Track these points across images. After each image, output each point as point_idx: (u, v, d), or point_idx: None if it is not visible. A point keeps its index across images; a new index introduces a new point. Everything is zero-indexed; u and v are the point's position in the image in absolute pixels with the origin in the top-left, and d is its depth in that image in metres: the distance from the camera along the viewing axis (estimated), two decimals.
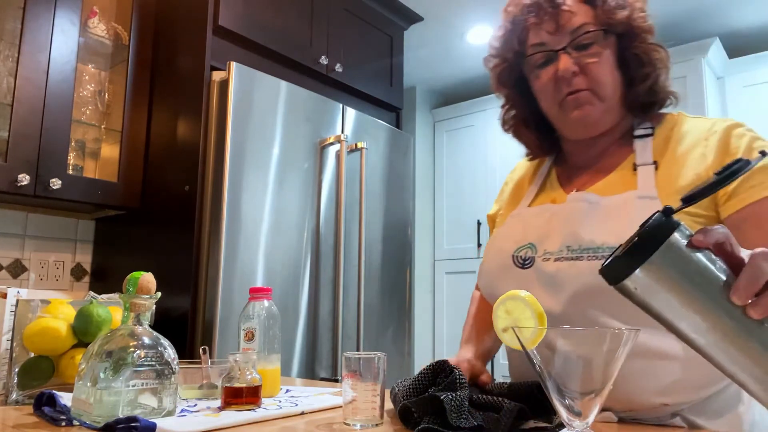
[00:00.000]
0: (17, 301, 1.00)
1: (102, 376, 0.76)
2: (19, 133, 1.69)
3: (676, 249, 0.54)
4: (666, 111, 0.97)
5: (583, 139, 0.97)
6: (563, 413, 0.56)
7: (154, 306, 0.86)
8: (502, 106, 1.09)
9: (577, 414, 0.55)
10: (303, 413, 0.90)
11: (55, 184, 1.73)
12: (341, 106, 2.16)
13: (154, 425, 0.72)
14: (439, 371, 0.81)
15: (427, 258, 3.71)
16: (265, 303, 1.07)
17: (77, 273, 2.12)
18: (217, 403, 0.94)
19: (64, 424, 0.77)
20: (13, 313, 1.01)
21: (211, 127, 1.80)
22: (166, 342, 0.84)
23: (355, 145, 2.15)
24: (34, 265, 2.01)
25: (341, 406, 0.82)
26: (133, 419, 0.72)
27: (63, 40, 1.82)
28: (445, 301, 3.64)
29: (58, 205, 1.93)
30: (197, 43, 1.87)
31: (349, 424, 0.79)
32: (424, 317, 3.62)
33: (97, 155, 2.05)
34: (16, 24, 1.76)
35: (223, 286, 1.68)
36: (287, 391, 1.12)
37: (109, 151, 2.03)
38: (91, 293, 1.10)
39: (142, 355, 0.80)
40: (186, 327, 1.69)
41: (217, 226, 1.72)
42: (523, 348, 0.58)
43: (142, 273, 0.85)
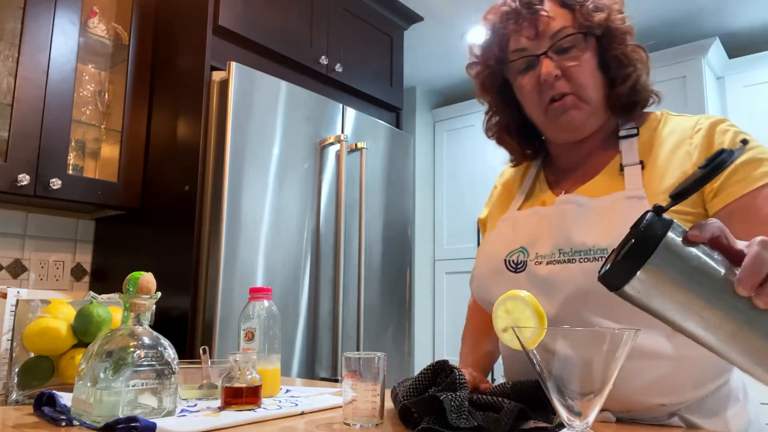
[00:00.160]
0: (17, 301, 1.00)
1: (102, 376, 0.76)
2: (19, 133, 1.70)
3: (673, 247, 0.53)
4: (649, 110, 0.97)
5: (569, 142, 0.98)
6: (563, 413, 0.56)
7: (154, 306, 0.86)
8: (485, 112, 1.09)
9: (577, 414, 0.55)
10: (303, 413, 0.90)
11: (55, 184, 1.73)
12: (341, 106, 2.16)
13: (154, 425, 0.72)
14: (439, 371, 0.81)
15: (427, 258, 3.71)
16: (265, 303, 1.07)
17: (77, 273, 2.12)
18: (217, 403, 0.94)
19: (64, 424, 0.77)
20: (13, 313, 1.01)
21: (211, 127, 1.80)
22: (166, 342, 0.84)
23: (355, 145, 2.15)
24: (34, 265, 2.01)
25: (341, 406, 0.82)
26: (133, 419, 0.72)
27: (63, 40, 1.82)
28: (445, 301, 3.64)
29: (58, 205, 1.93)
30: (197, 43, 1.87)
31: (349, 424, 0.79)
32: (424, 317, 3.62)
33: (97, 155, 2.05)
34: (16, 24, 1.76)
35: (223, 286, 1.68)
36: (287, 391, 1.12)
37: (109, 151, 2.03)
38: (91, 293, 1.10)
39: (142, 355, 0.80)
40: (186, 327, 1.69)
41: (217, 226, 1.72)
42: (523, 348, 0.58)
43: (142, 273, 0.85)
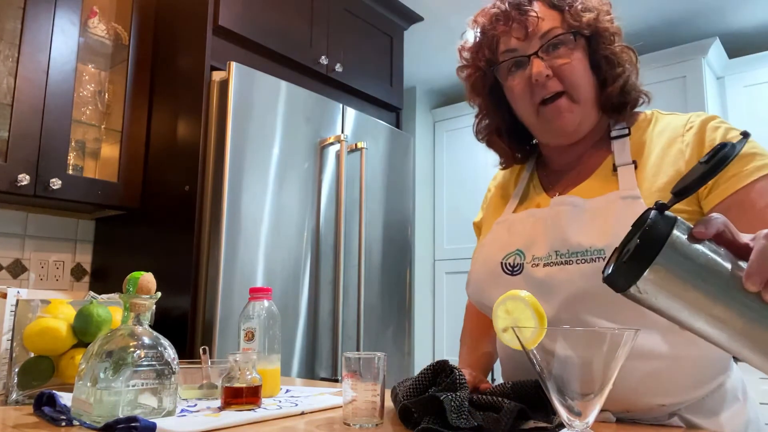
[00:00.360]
0: (17, 301, 1.00)
1: (102, 376, 0.76)
2: (19, 133, 1.70)
3: (679, 246, 0.52)
4: (640, 110, 0.97)
5: (562, 144, 0.98)
6: (563, 413, 0.56)
7: (154, 306, 0.86)
8: (476, 115, 1.09)
9: (577, 414, 0.55)
10: (303, 413, 0.90)
11: (55, 184, 1.73)
12: (341, 106, 2.16)
13: (154, 425, 0.72)
14: (439, 371, 0.81)
15: (427, 258, 3.71)
16: (265, 303, 1.07)
17: (77, 273, 2.12)
18: (217, 403, 0.94)
19: (64, 424, 0.77)
20: (13, 313, 1.01)
21: (211, 127, 1.80)
22: (166, 342, 0.84)
23: (355, 145, 2.15)
24: (34, 265, 2.01)
25: (341, 406, 0.82)
26: (133, 419, 0.72)
27: (63, 40, 1.82)
28: (445, 301, 3.64)
29: (58, 205, 1.93)
30: (197, 43, 1.87)
31: (349, 424, 0.79)
32: (424, 317, 3.61)
33: (97, 155, 2.05)
34: (16, 24, 1.76)
35: (223, 286, 1.68)
36: (287, 391, 1.12)
37: (109, 151, 2.03)
38: (91, 293, 1.10)
39: (142, 355, 0.80)
40: (186, 327, 1.69)
41: (217, 226, 1.72)
42: (523, 348, 0.58)
43: (142, 273, 0.85)
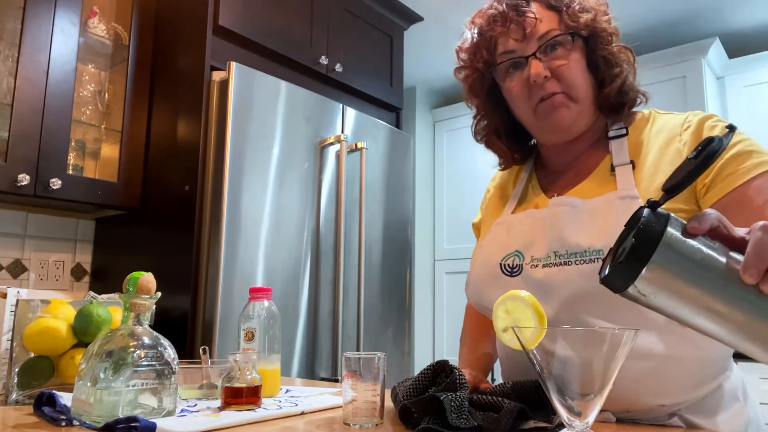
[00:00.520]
0: (17, 301, 1.00)
1: (102, 376, 0.76)
2: (19, 133, 1.70)
3: (674, 243, 0.52)
4: (637, 110, 0.97)
5: (559, 144, 0.98)
6: (563, 413, 0.56)
7: (154, 306, 0.86)
8: (474, 116, 1.09)
9: (577, 414, 0.55)
10: (303, 413, 0.90)
11: (55, 184, 1.73)
12: (341, 106, 2.16)
13: (154, 425, 0.72)
14: (439, 371, 0.81)
15: (427, 258, 3.71)
16: (265, 303, 1.07)
17: (77, 273, 2.12)
18: (217, 403, 0.94)
19: (64, 424, 0.77)
20: (13, 313, 1.01)
21: (211, 127, 1.80)
22: (166, 342, 0.84)
23: (355, 145, 2.15)
24: (34, 265, 2.01)
25: (341, 406, 0.82)
26: (133, 419, 0.72)
27: (63, 40, 1.82)
28: (445, 301, 3.64)
29: (58, 205, 1.93)
30: (197, 43, 1.87)
31: (349, 424, 0.79)
32: (424, 317, 3.61)
33: (97, 155, 2.05)
34: (16, 24, 1.76)
35: (223, 286, 1.68)
36: (287, 391, 1.12)
37: (109, 151, 2.03)
38: (91, 293, 1.10)
39: (142, 355, 0.80)
40: (186, 327, 1.69)
41: (217, 226, 1.72)
42: (523, 348, 0.58)
43: (142, 273, 0.85)
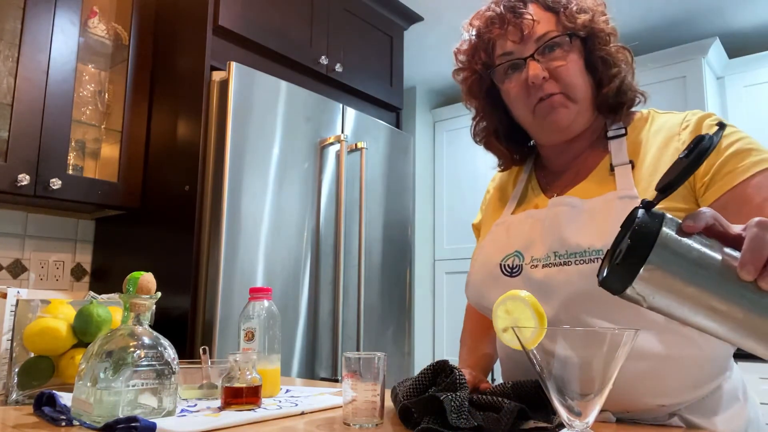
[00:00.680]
0: (17, 301, 1.00)
1: (102, 376, 0.76)
2: (19, 133, 1.70)
3: (670, 243, 0.52)
4: (636, 110, 0.97)
5: (559, 144, 0.98)
6: (563, 413, 0.56)
7: (154, 306, 0.86)
8: (473, 118, 1.09)
9: (577, 414, 0.55)
10: (303, 413, 0.90)
11: (55, 184, 1.73)
12: (341, 106, 2.16)
13: (154, 425, 0.72)
14: (439, 371, 0.81)
15: (427, 258, 3.71)
16: (265, 303, 1.07)
17: (77, 273, 2.12)
18: (217, 403, 0.94)
19: (64, 424, 0.77)
20: (13, 313, 1.01)
21: (211, 127, 1.80)
22: (166, 342, 0.84)
23: (355, 145, 2.15)
24: (34, 265, 2.00)
25: (341, 406, 0.82)
26: (133, 419, 0.72)
27: (63, 40, 1.82)
28: (445, 301, 3.63)
29: (58, 205, 1.93)
30: (197, 43, 1.87)
31: (349, 424, 0.79)
32: (424, 317, 3.61)
33: (97, 155, 2.05)
34: (16, 24, 1.76)
35: (223, 286, 1.68)
36: (287, 391, 1.12)
37: (109, 151, 2.03)
38: (91, 293, 1.10)
39: (142, 355, 0.80)
40: (186, 327, 1.69)
41: (217, 226, 1.72)
42: (523, 348, 0.58)
43: (142, 273, 0.85)
